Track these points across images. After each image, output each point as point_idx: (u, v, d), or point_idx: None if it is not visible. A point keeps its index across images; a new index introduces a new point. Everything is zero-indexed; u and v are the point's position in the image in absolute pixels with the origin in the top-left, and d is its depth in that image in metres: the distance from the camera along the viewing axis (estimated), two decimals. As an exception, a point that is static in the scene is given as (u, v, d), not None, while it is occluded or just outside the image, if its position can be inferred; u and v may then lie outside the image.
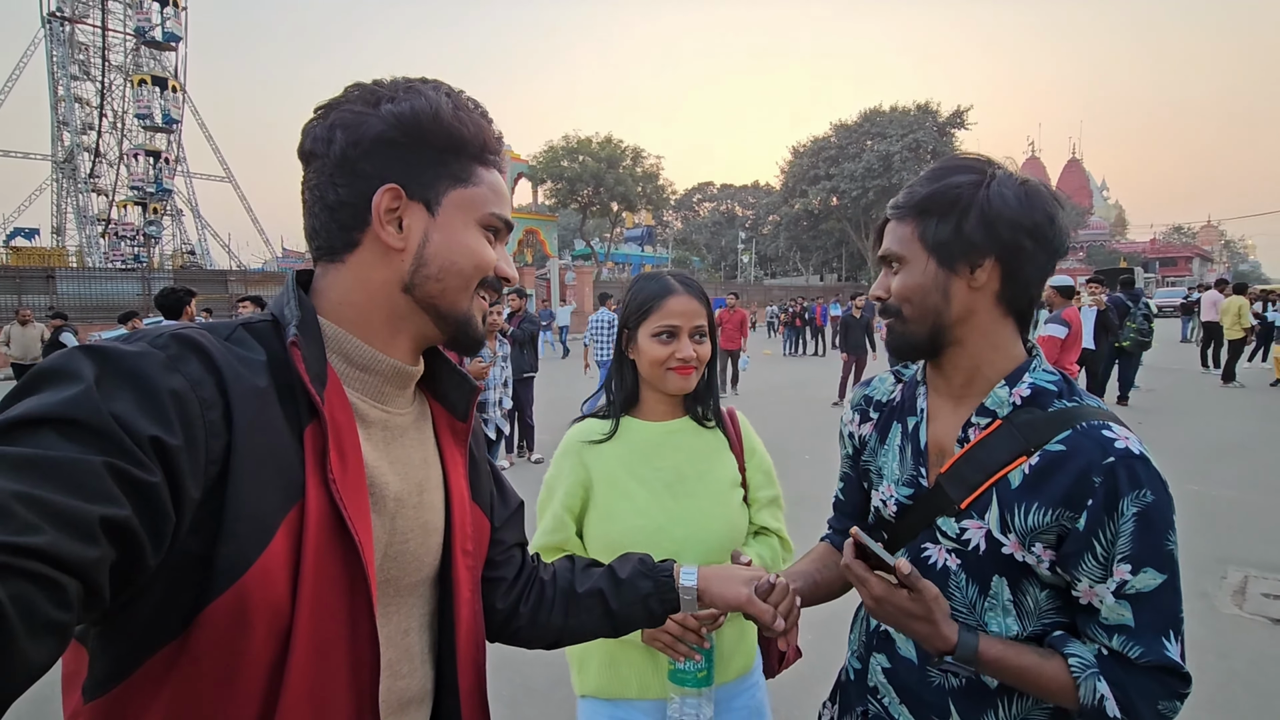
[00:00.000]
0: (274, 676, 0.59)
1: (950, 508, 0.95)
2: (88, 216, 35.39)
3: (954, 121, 38.64)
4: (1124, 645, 0.84)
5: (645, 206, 35.14)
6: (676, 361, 1.28)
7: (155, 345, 0.56)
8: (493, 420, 4.97)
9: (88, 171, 35.92)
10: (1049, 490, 0.87)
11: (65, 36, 34.36)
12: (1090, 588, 0.86)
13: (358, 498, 0.65)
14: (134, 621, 0.55)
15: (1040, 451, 0.89)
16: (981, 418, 0.95)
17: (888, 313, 1.00)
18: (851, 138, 40.30)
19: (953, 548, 0.96)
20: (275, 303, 0.71)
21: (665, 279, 1.34)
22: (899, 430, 1.07)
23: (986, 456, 0.92)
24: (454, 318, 0.76)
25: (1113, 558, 0.84)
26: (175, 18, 36.24)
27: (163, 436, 0.51)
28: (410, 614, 0.77)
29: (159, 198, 37.52)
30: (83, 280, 19.48)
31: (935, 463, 1.00)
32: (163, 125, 36.43)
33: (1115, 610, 0.85)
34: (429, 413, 0.84)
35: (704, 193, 67.57)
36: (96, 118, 36.49)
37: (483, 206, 0.76)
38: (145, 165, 37.06)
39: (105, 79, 36.08)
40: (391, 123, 0.69)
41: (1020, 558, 0.89)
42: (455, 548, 0.80)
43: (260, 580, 0.57)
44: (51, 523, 0.43)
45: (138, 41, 35.92)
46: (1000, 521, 0.90)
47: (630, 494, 1.29)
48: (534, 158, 30.25)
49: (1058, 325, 5.59)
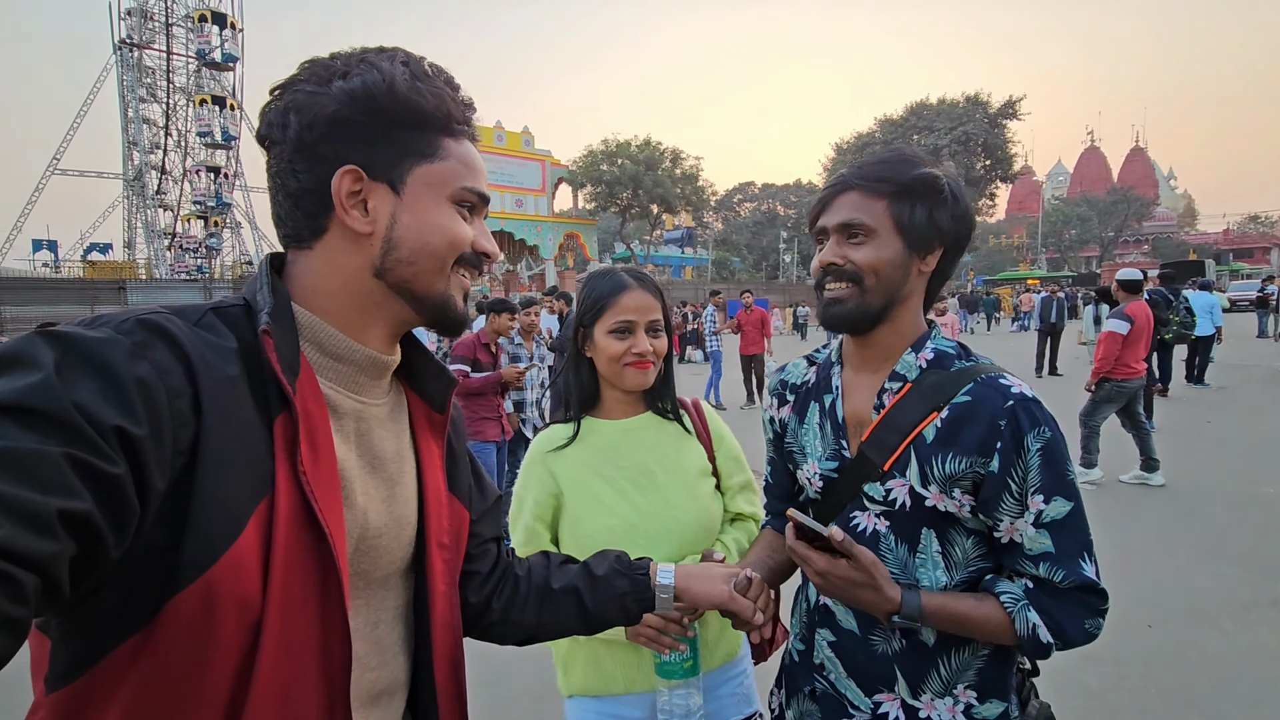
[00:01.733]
0: (243, 669, 0.57)
1: (875, 473, 1.00)
2: (155, 231, 37.34)
3: (1005, 112, 37.35)
4: (1049, 571, 0.92)
5: (685, 208, 35.09)
6: (633, 356, 1.27)
7: (120, 331, 0.54)
8: (530, 420, 4.98)
9: (155, 188, 37.91)
10: (961, 439, 0.94)
11: (134, 62, 36.38)
12: (1010, 524, 0.93)
13: (329, 490, 0.64)
14: (97, 612, 0.53)
15: (949, 405, 0.96)
16: (893, 383, 1.02)
17: (844, 277, 1.00)
18: (897, 132, 39.36)
19: (881, 510, 1.01)
20: (248, 288, 0.69)
21: (618, 275, 1.33)
22: (816, 409, 1.12)
23: (902, 418, 0.99)
24: (431, 299, 0.73)
25: (1026, 492, 0.92)
26: (233, 39, 38.00)
27: (127, 426, 0.49)
28: (381, 606, 0.75)
29: (219, 211, 39.34)
30: (150, 291, 20.58)
31: (855, 434, 1.05)
32: (222, 142, 38.21)
33: (1036, 540, 0.92)
34: (405, 404, 0.82)
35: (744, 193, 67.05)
36: (162, 137, 38.47)
37: (453, 181, 0.72)
38: (206, 181, 38.92)
39: (170, 100, 38.04)
40: (344, 100, 0.66)
41: (943, 507, 0.96)
42: (430, 541, 0.79)
43: (229, 573, 0.55)
44: (7, 516, 0.41)
45: (199, 63, 37.77)
46: (920, 475, 0.96)
47: (598, 495, 1.28)
48: (573, 162, 30.52)
49: (1120, 320, 5.28)
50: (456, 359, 4.34)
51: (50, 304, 18.74)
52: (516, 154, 26.36)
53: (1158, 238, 64.65)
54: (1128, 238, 64.40)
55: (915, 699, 0.99)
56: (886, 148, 1.05)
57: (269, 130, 0.68)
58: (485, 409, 4.32)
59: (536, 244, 27.14)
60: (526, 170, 26.77)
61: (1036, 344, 12.05)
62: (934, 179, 0.98)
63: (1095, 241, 61.80)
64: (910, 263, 0.99)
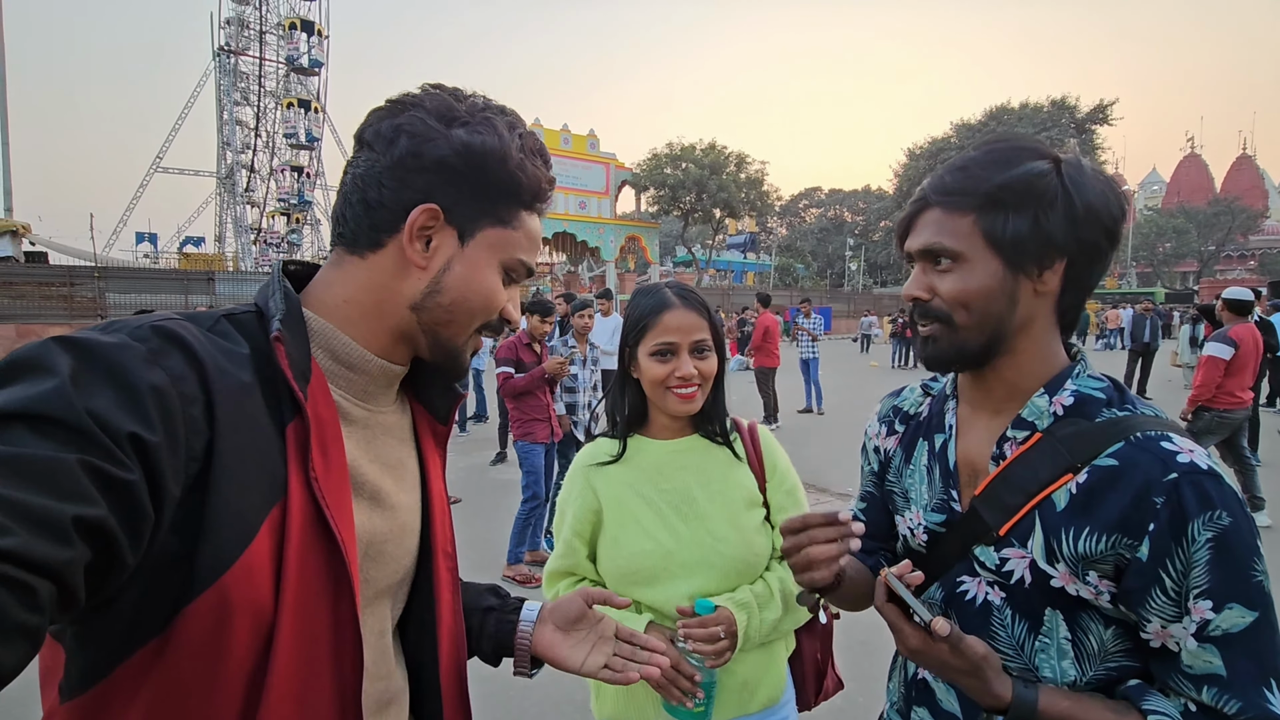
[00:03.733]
0: (257, 677, 0.57)
1: (988, 535, 0.84)
2: (243, 226, 39.77)
3: (1095, 117, 35.32)
4: (1216, 699, 0.70)
5: (749, 213, 34.65)
6: (676, 380, 1.20)
7: (135, 337, 0.54)
8: (582, 422, 4.93)
9: (244, 186, 40.37)
10: (1101, 512, 0.76)
11: (230, 68, 38.88)
12: (1163, 628, 0.73)
13: (340, 496, 0.64)
14: (112, 620, 0.53)
15: (1089, 468, 0.78)
16: (1018, 431, 0.84)
17: (930, 317, 0.85)
18: (974, 138, 37.74)
19: (993, 580, 0.85)
20: (260, 293, 0.69)
21: (662, 292, 1.25)
22: (925, 448, 0.96)
23: (1025, 475, 0.82)
24: (448, 348, 0.75)
25: (1186, 592, 0.71)
26: (319, 45, 40.11)
27: (142, 433, 0.49)
28: (385, 615, 0.75)
29: (300, 209, 41.57)
30: (236, 283, 21.85)
31: (968, 484, 0.89)
32: (305, 143, 40.38)
33: (1199, 656, 0.71)
34: (409, 413, 0.82)
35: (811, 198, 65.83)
36: (252, 138, 40.98)
37: (513, 250, 0.75)
38: (290, 179, 41.20)
39: (260, 103, 40.46)
40: (459, 150, 0.69)
41: (1074, 590, 0.78)
42: (436, 550, 0.79)
43: (242, 579, 0.56)
44: (22, 524, 0.41)
45: (287, 68, 39.99)
46: (1046, 549, 0.79)
47: (637, 516, 1.23)
48: (637, 165, 30.63)
49: (1223, 344, 4.76)
50: (501, 361, 4.31)
51: (150, 292, 20.10)
52: (582, 156, 26.65)
53: (1266, 253, 59.64)
54: (1230, 252, 59.74)
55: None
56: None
57: (373, 138, 0.69)
58: (535, 409, 4.28)
59: (598, 246, 27.34)
60: (591, 172, 27.01)
61: (1126, 365, 11.34)
62: (1030, 178, 0.78)
63: (1193, 255, 57.58)
64: (1017, 286, 0.81)
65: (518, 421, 4.28)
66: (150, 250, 39.22)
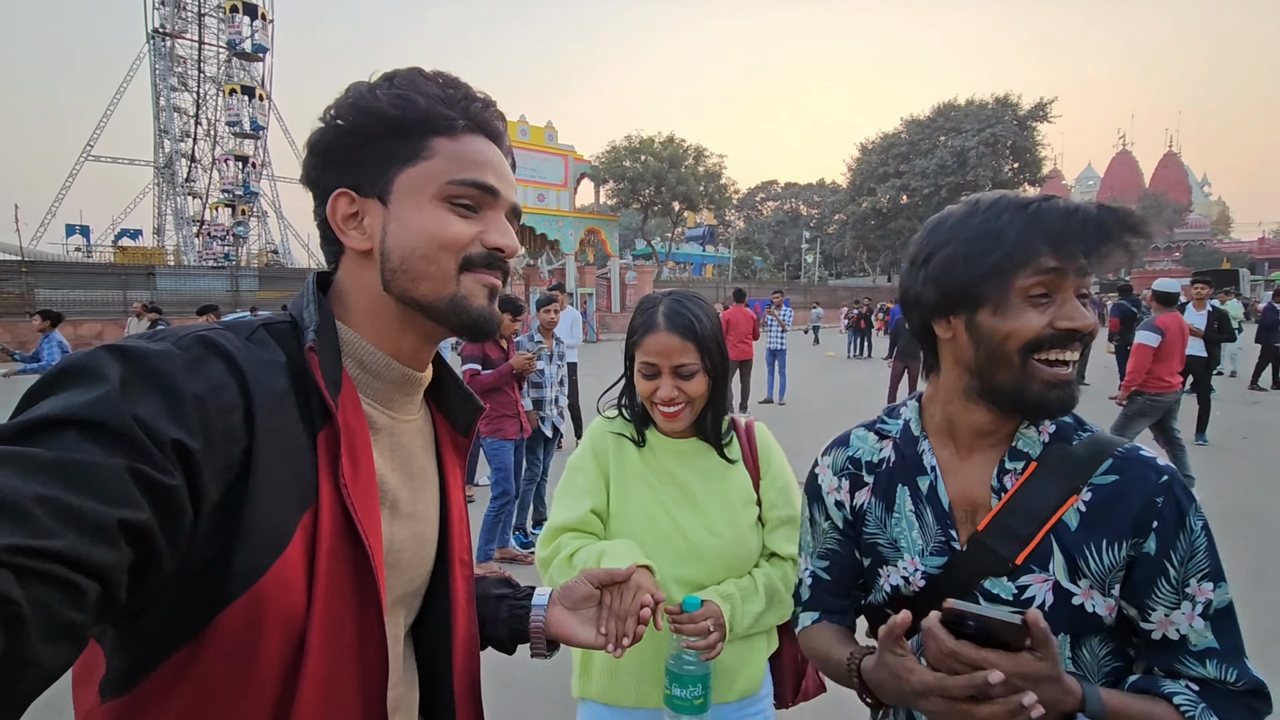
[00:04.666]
0: (288, 680, 0.59)
1: (1000, 567, 0.85)
2: (184, 218, 38.04)
3: (1035, 115, 36.63)
4: (1219, 671, 0.78)
5: (707, 206, 34.89)
6: (660, 399, 1.24)
7: (179, 347, 0.56)
8: (550, 418, 4.94)
9: (184, 176, 38.61)
10: (1115, 522, 0.82)
11: (166, 51, 37.04)
12: (1166, 616, 0.80)
13: (368, 503, 0.65)
14: (150, 624, 0.55)
15: (1089, 486, 0.84)
16: (1016, 462, 0.88)
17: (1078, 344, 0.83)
18: (924, 133, 38.85)
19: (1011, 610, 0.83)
20: (294, 304, 0.71)
21: (653, 312, 1.27)
22: (907, 494, 0.95)
23: (1034, 502, 0.85)
24: (439, 306, 0.71)
25: (1190, 577, 0.80)
26: (263, 30, 38.55)
27: (184, 440, 0.51)
28: (399, 623, 0.76)
29: (246, 200, 39.99)
30: (179, 277, 20.95)
31: (965, 522, 0.90)
32: (250, 132, 38.82)
33: (1203, 635, 0.79)
34: (432, 423, 0.83)
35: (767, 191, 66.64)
36: (192, 126, 39.18)
37: (437, 178, 0.69)
38: (235, 170, 39.59)
39: (200, 89, 38.70)
40: (330, 126, 0.69)
41: (1090, 607, 0.83)
42: (453, 559, 0.80)
43: (276, 585, 0.57)
44: (72, 526, 0.43)
45: (229, 53, 38.35)
46: (1068, 569, 0.83)
47: (641, 498, 1.30)
48: (596, 158, 30.49)
49: (1151, 333, 5.14)
50: (467, 358, 4.28)
51: (84, 288, 19.10)
52: (540, 149, 26.32)
53: (1190, 245, 63.12)
54: (1158, 245, 63.00)
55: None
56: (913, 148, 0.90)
57: (301, 179, 0.73)
58: (504, 406, 4.28)
59: (558, 239, 27.10)
60: (549, 165, 26.72)
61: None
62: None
63: (1125, 248, 60.45)
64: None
65: (486, 419, 4.27)
66: (83, 243, 37.21)
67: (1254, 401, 9.68)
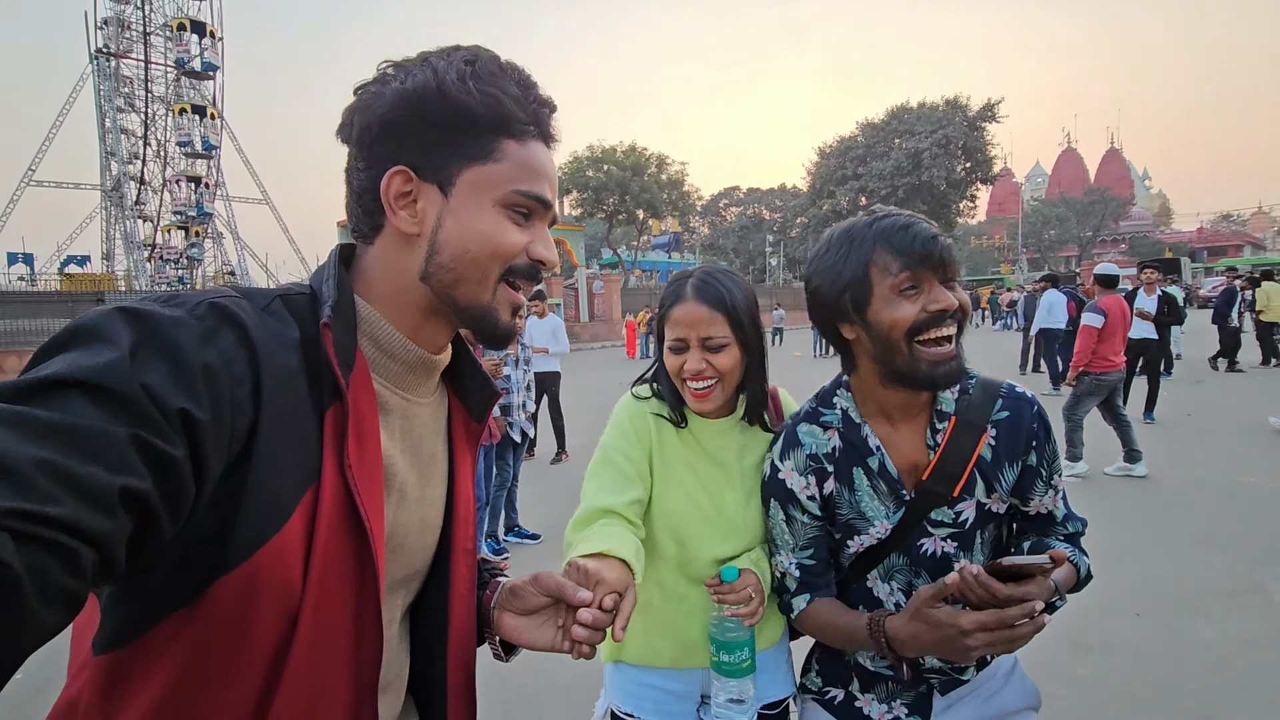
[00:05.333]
0: (278, 656, 0.59)
1: (942, 500, 1.08)
2: (135, 242, 36.83)
3: (984, 115, 37.80)
4: (1074, 526, 1.16)
5: (671, 213, 35.19)
6: (688, 373, 1.20)
7: (194, 315, 0.55)
8: (517, 424, 4.94)
9: (134, 199, 37.41)
10: (1013, 448, 1.09)
11: (111, 71, 35.94)
12: (1039, 500, 1.12)
13: (372, 485, 0.64)
14: (147, 587, 0.55)
15: (991, 424, 1.09)
16: (942, 422, 1.10)
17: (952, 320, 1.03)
18: (879, 136, 39.71)
19: (948, 533, 1.10)
20: (315, 276, 0.70)
21: (681, 284, 1.24)
22: (862, 473, 1.13)
23: (959, 450, 1.08)
24: (472, 310, 0.71)
25: (1053, 473, 1.12)
26: (213, 48, 37.67)
27: (191, 410, 0.50)
28: (396, 606, 0.76)
29: (200, 221, 38.90)
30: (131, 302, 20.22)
31: (909, 476, 1.11)
32: (203, 152, 37.81)
33: (1060, 508, 1.15)
34: (446, 406, 0.82)
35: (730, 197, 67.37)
36: (141, 147, 38.02)
37: (504, 185, 0.69)
38: (187, 191, 38.50)
39: (149, 110, 37.61)
40: (395, 101, 0.66)
41: (995, 509, 1.11)
42: (456, 546, 0.79)
43: (273, 559, 0.57)
44: (72, 493, 0.42)
45: (178, 72, 37.39)
46: (986, 488, 1.09)
47: (682, 480, 1.25)
48: (559, 168, 30.46)
49: (1094, 314, 5.42)
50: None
51: (28, 316, 18.38)
52: (501, 160, 26.28)
53: (1134, 237, 65.63)
54: (1105, 237, 65.39)
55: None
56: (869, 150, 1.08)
57: (341, 129, 0.70)
58: (472, 412, 4.28)
59: (522, 250, 27.03)
60: (511, 177, 26.70)
61: (1021, 342, 12.29)
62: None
63: (1074, 241, 62.72)
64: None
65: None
66: (25, 272, 35.75)
67: (1198, 381, 10.12)
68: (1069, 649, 2.90)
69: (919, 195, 37.00)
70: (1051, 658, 2.81)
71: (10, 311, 18.77)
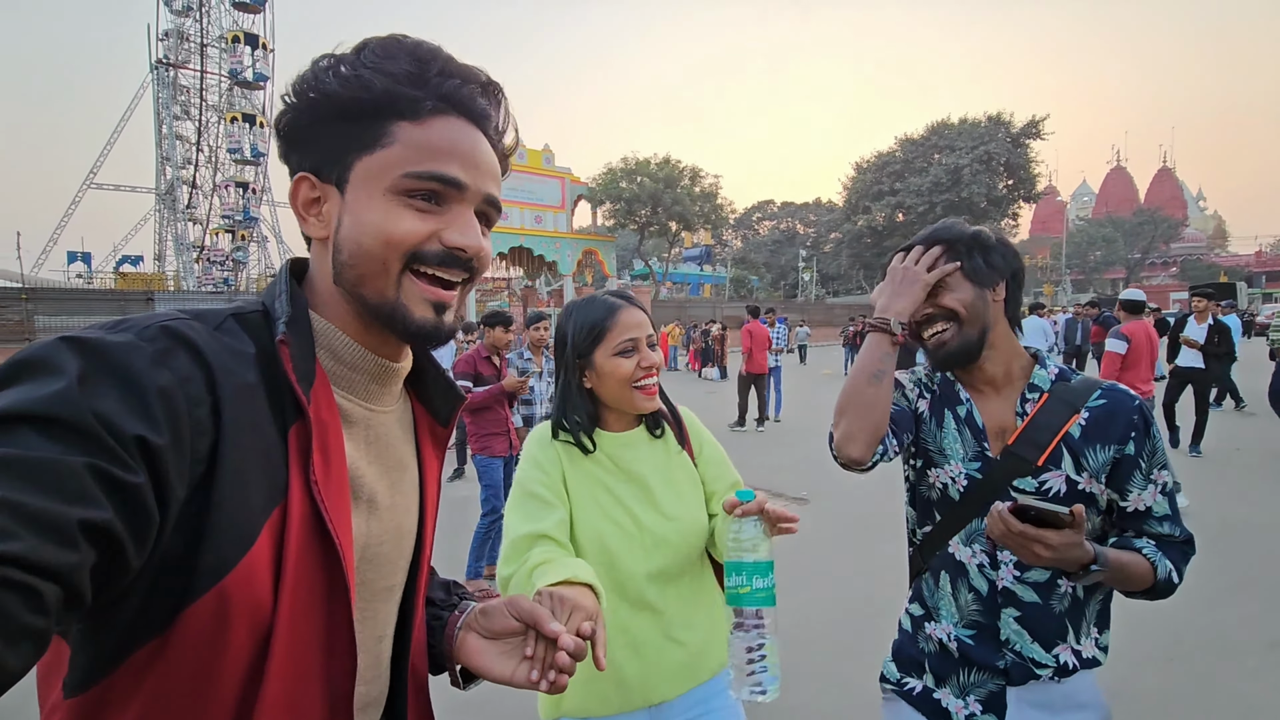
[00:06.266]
0: (252, 676, 0.58)
1: (1027, 467, 1.16)
2: (184, 244, 38.32)
3: (1028, 132, 37.08)
4: (1170, 529, 1.16)
5: (703, 226, 35.17)
6: (642, 372, 1.30)
7: (143, 338, 0.53)
8: (538, 436, 4.97)
9: (185, 202, 38.96)
10: (1107, 433, 1.16)
11: (169, 81, 37.61)
12: (1138, 495, 1.16)
13: (339, 500, 0.63)
14: (115, 620, 0.53)
15: (1086, 408, 1.17)
16: (1033, 394, 1.21)
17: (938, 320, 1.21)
18: (918, 151, 39.27)
19: (1035, 498, 1.15)
20: (267, 292, 0.68)
21: (606, 299, 1.35)
22: (950, 416, 1.26)
23: (1049, 420, 1.17)
24: (380, 308, 0.66)
25: (1154, 467, 1.15)
26: (264, 59, 39.18)
27: (148, 436, 0.49)
28: (385, 620, 0.74)
29: (246, 225, 40.32)
30: (178, 302, 21.07)
31: (995, 439, 1.21)
32: (251, 159, 39.25)
33: (1162, 505, 1.16)
34: (411, 413, 0.80)
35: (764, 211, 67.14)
36: (194, 153, 39.65)
37: (394, 169, 0.63)
38: (235, 196, 40.00)
39: (202, 118, 39.23)
40: (288, 109, 0.66)
41: (1090, 490, 1.15)
42: (425, 552, 0.78)
43: (242, 582, 0.55)
44: (28, 528, 0.41)
45: (231, 82, 38.93)
46: (1074, 465, 1.15)
47: (598, 500, 1.30)
48: (593, 180, 30.82)
49: (1117, 341, 5.23)
50: (458, 376, 4.29)
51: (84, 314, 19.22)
52: (537, 171, 26.64)
53: (1186, 259, 63.44)
54: (1154, 259, 63.32)
55: (1078, 643, 1.20)
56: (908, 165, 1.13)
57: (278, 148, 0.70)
58: (493, 424, 4.31)
59: (555, 260, 27.32)
60: (546, 187, 27.03)
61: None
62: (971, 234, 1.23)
63: (1121, 263, 60.83)
64: (985, 297, 1.21)
65: (475, 436, 4.29)
66: (84, 270, 37.44)
67: (1249, 413, 9.68)
68: (1094, 695, 2.78)
69: (957, 212, 36.32)
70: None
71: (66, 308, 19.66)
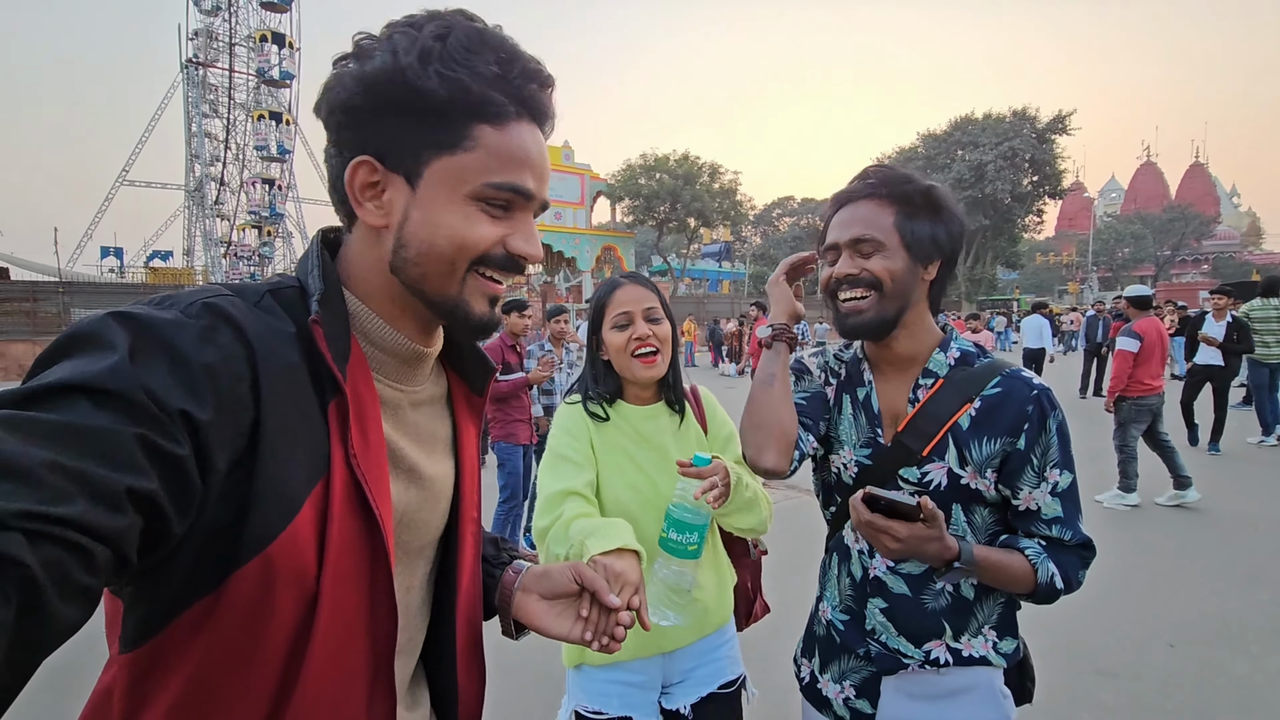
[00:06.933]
0: (299, 636, 0.60)
1: (912, 458, 1.12)
2: (212, 239, 39.19)
3: (1054, 127, 36.40)
4: (1060, 532, 1.09)
5: (723, 222, 35.08)
6: (634, 343, 1.39)
7: (188, 315, 0.55)
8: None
9: (214, 199, 39.80)
10: (995, 424, 1.09)
11: (199, 80, 38.42)
12: (1029, 494, 1.09)
13: (378, 472, 0.66)
14: (166, 580, 0.55)
15: (980, 397, 1.10)
16: (927, 379, 1.15)
17: (859, 285, 1.12)
18: (941, 148, 38.74)
19: (914, 491, 1.11)
20: (300, 268, 0.68)
21: (613, 279, 1.48)
22: (849, 401, 1.23)
23: (938, 409, 1.11)
24: (442, 304, 0.68)
25: (1046, 465, 1.08)
26: (290, 58, 39.86)
27: (192, 410, 0.51)
28: (415, 573, 0.78)
29: (272, 221, 41.11)
30: (206, 296, 21.51)
31: (889, 424, 1.17)
32: (277, 156, 40.01)
33: (1051, 506, 1.09)
34: (445, 382, 0.82)
35: (784, 207, 66.69)
36: (222, 150, 40.47)
37: (476, 176, 0.64)
38: (261, 192, 40.77)
39: (230, 115, 40.04)
40: (354, 87, 0.62)
41: (974, 485, 1.10)
42: (463, 514, 0.81)
43: (287, 549, 0.58)
44: (82, 492, 0.43)
45: (258, 81, 39.64)
46: (959, 458, 1.10)
47: (622, 468, 1.40)
48: (612, 176, 30.92)
49: (1129, 339, 5.19)
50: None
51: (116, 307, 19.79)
52: (557, 168, 26.82)
53: (1218, 257, 61.92)
54: (1185, 257, 61.90)
55: (957, 642, 1.14)
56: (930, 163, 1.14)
57: (315, 108, 0.66)
58: (516, 412, 4.47)
59: (574, 256, 27.50)
60: (566, 183, 27.21)
61: (1082, 364, 11.81)
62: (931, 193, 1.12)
63: (1150, 260, 59.57)
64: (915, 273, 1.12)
65: (499, 423, 4.46)
66: (116, 264, 38.40)
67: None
68: (1095, 675, 2.86)
69: (981, 209, 35.89)
70: (1076, 682, 2.79)
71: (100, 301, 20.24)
